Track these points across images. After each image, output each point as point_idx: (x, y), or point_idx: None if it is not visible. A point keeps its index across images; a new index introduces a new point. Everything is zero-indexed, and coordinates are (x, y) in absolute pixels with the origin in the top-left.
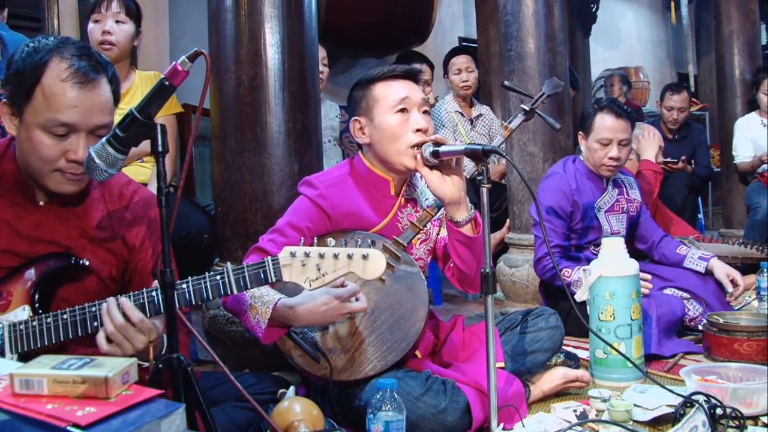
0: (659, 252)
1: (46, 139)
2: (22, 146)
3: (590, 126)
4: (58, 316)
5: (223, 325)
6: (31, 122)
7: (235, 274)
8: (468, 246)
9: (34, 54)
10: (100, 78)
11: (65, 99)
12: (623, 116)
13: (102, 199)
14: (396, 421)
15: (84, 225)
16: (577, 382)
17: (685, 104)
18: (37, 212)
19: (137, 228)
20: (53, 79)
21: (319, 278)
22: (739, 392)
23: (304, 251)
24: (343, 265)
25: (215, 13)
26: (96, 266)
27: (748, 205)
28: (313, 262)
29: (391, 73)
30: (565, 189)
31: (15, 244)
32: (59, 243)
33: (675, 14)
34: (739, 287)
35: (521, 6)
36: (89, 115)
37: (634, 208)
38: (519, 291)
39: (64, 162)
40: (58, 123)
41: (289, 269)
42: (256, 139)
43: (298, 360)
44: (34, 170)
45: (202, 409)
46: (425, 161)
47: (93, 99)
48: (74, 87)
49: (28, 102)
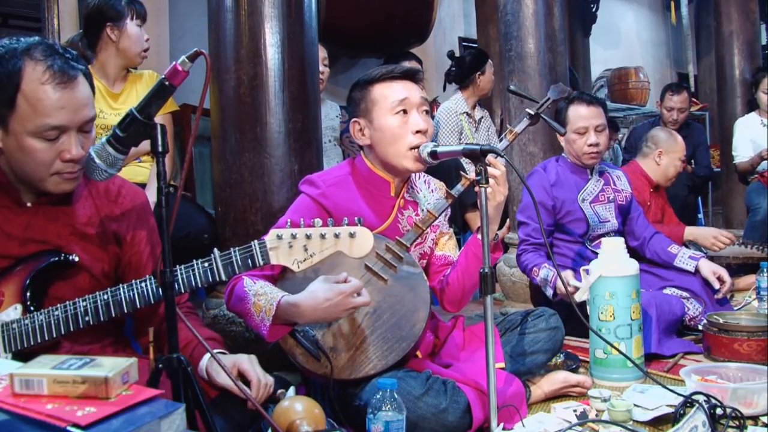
0: (650, 249)
1: (38, 144)
2: (13, 156)
3: (565, 119)
4: (50, 313)
5: (223, 325)
6: (20, 131)
7: (223, 259)
8: (478, 259)
9: (6, 61)
10: (77, 74)
11: (51, 102)
12: (594, 103)
13: (90, 196)
14: (396, 421)
15: (73, 223)
16: (578, 388)
17: (685, 105)
18: (25, 214)
19: (126, 222)
20: (34, 83)
21: (307, 259)
22: (739, 392)
23: (290, 233)
24: (331, 245)
25: (215, 13)
26: (88, 263)
27: (748, 206)
28: (300, 243)
29: (389, 74)
30: (544, 184)
31: (5, 246)
32: (50, 242)
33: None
34: (725, 284)
35: (521, 6)
36: (76, 112)
37: (623, 198)
38: (519, 291)
39: (60, 163)
40: (49, 127)
41: (276, 251)
42: (256, 139)
43: (300, 359)
44: (30, 177)
45: (202, 408)
46: (424, 161)
47: (76, 96)
48: (57, 88)
49: (11, 111)
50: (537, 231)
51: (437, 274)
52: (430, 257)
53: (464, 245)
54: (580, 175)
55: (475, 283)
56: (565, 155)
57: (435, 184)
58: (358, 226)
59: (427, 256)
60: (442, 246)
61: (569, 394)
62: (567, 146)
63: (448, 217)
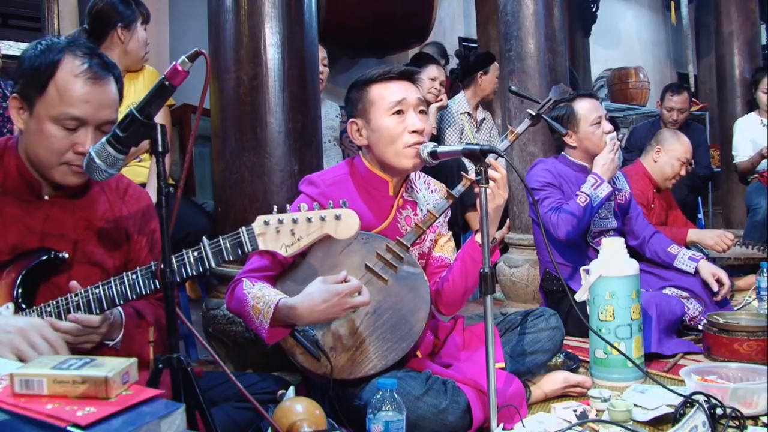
0: (650, 249)
1: (56, 131)
2: (31, 138)
3: (575, 117)
4: (41, 309)
5: (223, 325)
6: (44, 115)
7: (212, 247)
8: (474, 263)
9: (48, 52)
10: (109, 76)
11: (78, 93)
12: (591, 96)
13: (102, 192)
14: (396, 421)
15: (89, 217)
16: (578, 388)
17: (686, 105)
18: (44, 206)
19: (133, 219)
20: (67, 74)
21: (295, 243)
22: (739, 392)
23: (277, 218)
24: (317, 228)
25: (215, 13)
26: (100, 258)
27: (748, 206)
28: (287, 227)
29: (386, 74)
30: (551, 169)
31: (26, 239)
32: (67, 237)
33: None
34: (724, 287)
35: (521, 6)
36: (99, 110)
37: (622, 197)
38: (519, 291)
39: (72, 154)
40: (70, 116)
41: (264, 237)
42: (256, 139)
43: (300, 358)
44: (41, 162)
45: (202, 409)
46: (423, 161)
47: (103, 95)
48: (87, 83)
49: (41, 96)
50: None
51: (434, 276)
52: (427, 258)
53: (462, 248)
54: (581, 173)
55: (471, 286)
56: (566, 155)
57: (435, 185)
58: (344, 209)
59: (425, 256)
60: (440, 247)
61: (569, 394)
62: (583, 143)
63: (448, 218)
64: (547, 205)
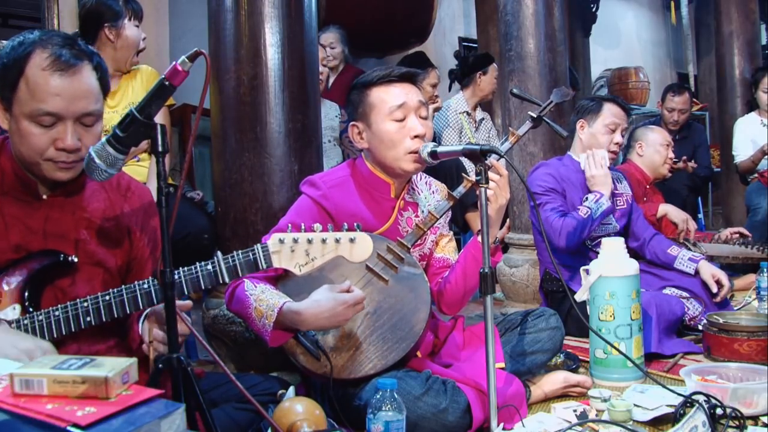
0: (650, 250)
1: (33, 128)
2: (14, 138)
3: (598, 112)
4: (50, 313)
5: (223, 325)
6: (19, 113)
7: (225, 262)
8: (477, 263)
9: (19, 47)
10: (82, 65)
11: (47, 87)
12: (627, 110)
13: (102, 189)
14: (396, 421)
15: (89, 216)
16: (578, 388)
17: (686, 106)
18: (42, 206)
19: (135, 217)
20: (35, 69)
21: (308, 263)
22: (739, 392)
23: (292, 237)
24: (331, 250)
25: (215, 13)
26: (102, 257)
27: (748, 206)
28: (301, 247)
29: (387, 77)
30: (553, 173)
31: (29, 240)
32: (68, 237)
33: (675, 14)
34: (724, 288)
35: (521, 6)
36: (73, 102)
37: (624, 201)
38: (519, 291)
39: (54, 151)
40: (43, 112)
41: (279, 255)
42: (256, 139)
43: (300, 358)
44: (26, 160)
45: (202, 409)
46: (424, 164)
47: (75, 86)
48: (55, 75)
49: (14, 94)
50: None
51: (436, 276)
52: (429, 259)
53: (464, 248)
54: (584, 176)
55: (473, 286)
56: (572, 154)
57: (436, 186)
58: (358, 232)
59: (426, 257)
60: (441, 248)
61: (569, 394)
62: (588, 139)
63: (448, 219)
64: (549, 210)
